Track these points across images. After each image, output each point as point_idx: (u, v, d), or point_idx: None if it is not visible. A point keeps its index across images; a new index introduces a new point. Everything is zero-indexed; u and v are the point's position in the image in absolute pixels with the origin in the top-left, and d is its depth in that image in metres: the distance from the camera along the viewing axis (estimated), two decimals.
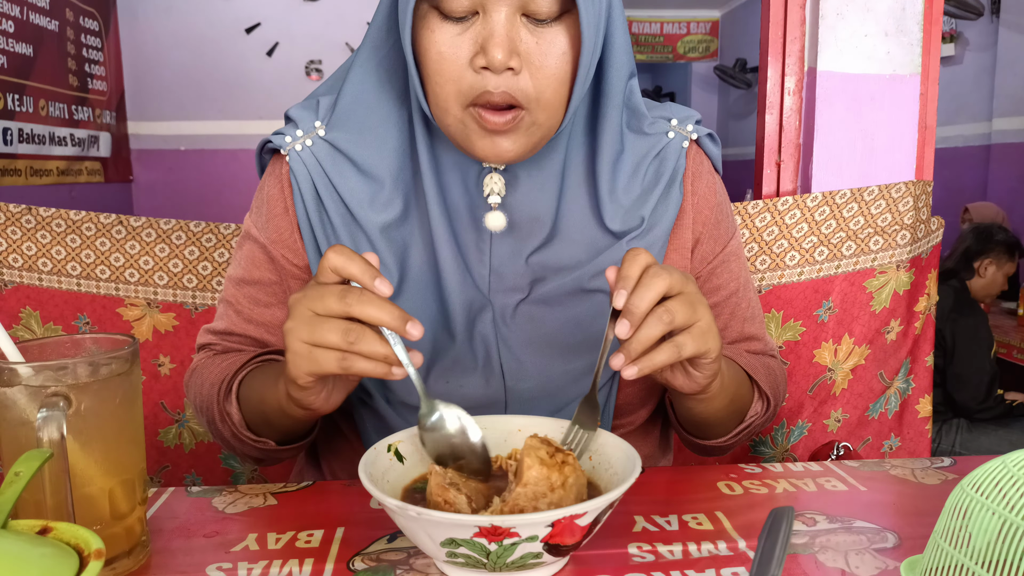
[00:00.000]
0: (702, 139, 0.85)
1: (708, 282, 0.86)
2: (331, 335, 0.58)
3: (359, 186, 0.78)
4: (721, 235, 0.86)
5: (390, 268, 0.77)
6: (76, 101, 3.22)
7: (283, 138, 0.81)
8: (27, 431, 0.52)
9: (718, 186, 0.87)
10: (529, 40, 0.67)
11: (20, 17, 2.81)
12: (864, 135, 1.37)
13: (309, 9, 3.64)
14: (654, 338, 0.59)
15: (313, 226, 0.79)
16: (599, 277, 0.78)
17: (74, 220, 1.25)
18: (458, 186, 0.78)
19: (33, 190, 2.88)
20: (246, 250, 0.85)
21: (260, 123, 3.68)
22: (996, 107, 4.44)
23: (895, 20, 1.34)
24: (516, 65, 0.66)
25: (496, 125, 0.68)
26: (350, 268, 0.59)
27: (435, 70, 0.68)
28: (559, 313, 0.78)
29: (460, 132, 0.71)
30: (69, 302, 1.27)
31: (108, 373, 0.54)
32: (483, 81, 0.67)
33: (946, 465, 0.78)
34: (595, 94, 0.79)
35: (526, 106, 0.68)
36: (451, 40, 0.67)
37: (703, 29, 7.47)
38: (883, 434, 1.40)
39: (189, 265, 1.27)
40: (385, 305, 0.58)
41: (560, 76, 0.68)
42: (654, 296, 0.59)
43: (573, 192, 0.79)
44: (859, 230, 1.31)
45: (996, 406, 2.53)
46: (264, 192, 0.84)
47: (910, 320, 1.37)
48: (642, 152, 0.81)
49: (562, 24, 0.68)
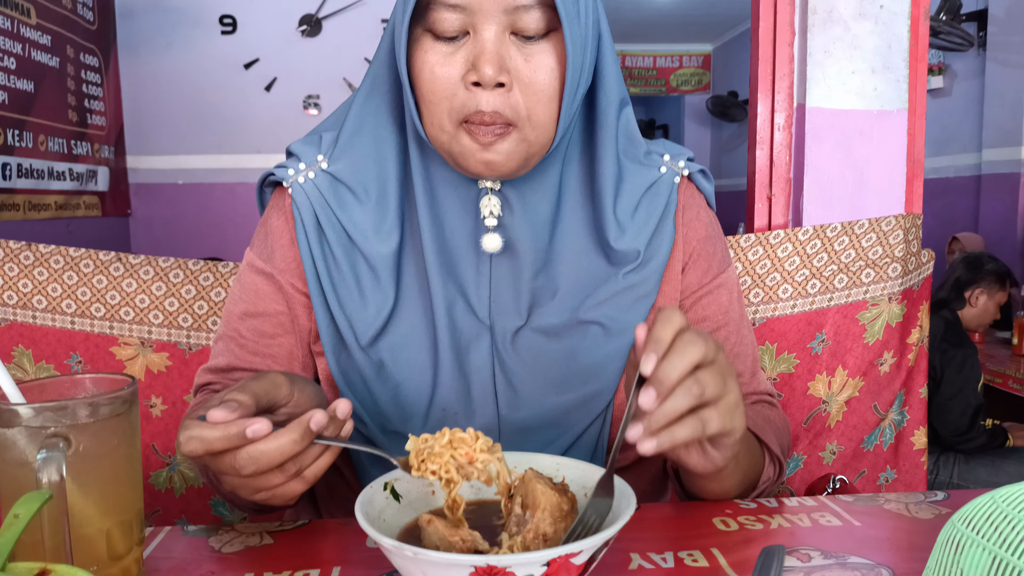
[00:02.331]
0: (695, 175, 0.86)
1: (692, 311, 0.86)
2: (269, 480, 0.59)
3: (360, 215, 0.79)
4: (711, 267, 0.86)
5: (388, 294, 0.78)
6: (75, 136, 3.25)
7: (285, 171, 0.83)
8: (26, 472, 0.52)
9: (709, 220, 0.88)
10: (518, 57, 0.70)
11: (22, 54, 2.85)
12: (854, 169, 1.40)
13: (307, 45, 3.69)
14: (680, 412, 0.56)
15: (314, 256, 0.79)
16: (595, 308, 0.78)
17: (73, 257, 1.25)
18: (456, 209, 0.79)
19: (31, 224, 2.89)
20: (248, 283, 0.85)
21: (258, 157, 3.71)
22: (985, 138, 4.50)
23: (881, 57, 1.37)
24: (506, 80, 0.69)
25: (487, 138, 0.70)
26: (214, 445, 0.57)
27: (428, 89, 0.71)
28: (555, 343, 0.79)
29: (454, 149, 0.72)
30: (62, 340, 1.27)
31: (108, 414, 0.55)
32: (475, 99, 0.69)
33: (940, 499, 0.78)
34: (589, 120, 0.80)
35: (516, 123, 0.70)
36: (443, 59, 0.70)
37: (695, 63, 7.59)
38: (879, 466, 1.41)
39: (185, 304, 1.27)
40: (275, 441, 0.57)
41: (549, 92, 0.71)
42: (687, 366, 0.56)
43: (570, 216, 0.80)
44: (851, 263, 1.33)
45: (978, 437, 2.53)
46: (268, 225, 0.85)
47: (903, 352, 1.39)
48: (640, 182, 0.82)
49: (550, 42, 0.71)
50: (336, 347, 0.80)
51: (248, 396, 0.60)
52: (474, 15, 0.68)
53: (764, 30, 1.39)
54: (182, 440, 0.58)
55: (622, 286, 0.80)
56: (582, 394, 0.78)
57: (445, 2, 0.68)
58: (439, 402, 0.78)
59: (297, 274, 0.82)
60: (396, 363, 0.78)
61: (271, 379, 0.64)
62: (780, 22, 1.38)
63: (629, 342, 0.79)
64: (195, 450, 0.57)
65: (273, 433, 0.57)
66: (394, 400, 0.78)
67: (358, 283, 0.79)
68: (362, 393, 0.79)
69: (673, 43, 7.47)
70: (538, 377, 0.78)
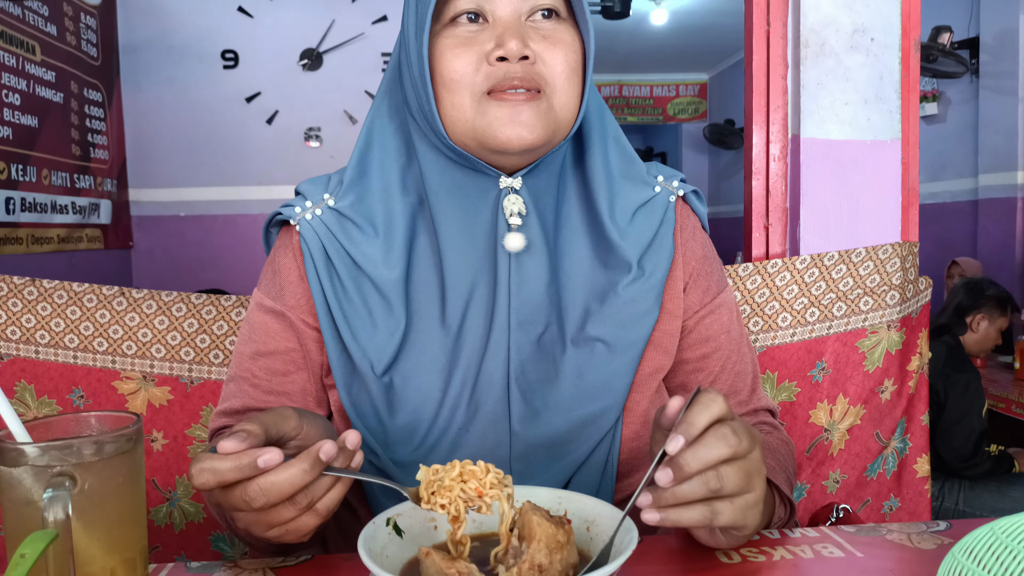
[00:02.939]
0: (688, 196, 0.89)
1: (694, 332, 0.87)
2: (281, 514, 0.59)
3: (367, 246, 0.80)
4: (710, 287, 0.88)
5: (399, 318, 0.78)
6: (78, 170, 3.28)
7: (292, 209, 0.84)
8: (32, 511, 0.53)
9: (705, 241, 0.90)
10: (537, 36, 0.74)
11: (26, 90, 2.88)
12: (849, 198, 1.41)
13: (308, 78, 3.74)
14: (692, 498, 0.56)
15: (324, 288, 0.80)
16: (600, 325, 0.79)
17: (76, 292, 1.26)
18: (472, 213, 0.79)
19: (34, 258, 2.91)
20: (258, 322, 0.85)
21: (259, 188, 3.74)
22: (981, 163, 4.54)
23: (874, 89, 1.39)
24: (531, 55, 0.72)
25: (514, 97, 0.72)
26: (225, 476, 0.57)
27: (451, 67, 0.73)
28: (564, 359, 0.79)
29: (479, 124, 0.73)
30: (64, 375, 1.27)
31: (113, 451, 0.55)
32: (501, 70, 0.72)
33: (942, 529, 0.78)
34: (577, 140, 0.83)
35: (543, 89, 0.73)
36: (465, 42, 0.73)
37: (692, 91, 7.67)
38: (882, 495, 1.40)
39: (187, 338, 1.28)
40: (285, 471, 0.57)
41: (571, 66, 0.74)
42: (712, 460, 0.56)
43: (570, 222, 0.81)
44: (848, 291, 1.33)
45: (983, 462, 2.52)
46: (276, 264, 0.86)
47: (903, 379, 1.39)
48: (635, 198, 0.84)
49: (565, 23, 0.76)
50: (348, 378, 0.80)
51: (258, 426, 0.60)
52: (492, 1, 0.73)
53: (757, 63, 1.41)
54: (194, 472, 0.57)
55: (623, 300, 0.80)
56: (590, 411, 0.79)
57: None
58: (452, 422, 0.78)
59: (307, 309, 0.83)
60: (409, 387, 0.78)
61: (280, 411, 0.64)
62: (773, 55, 1.41)
63: (632, 359, 0.81)
64: (207, 482, 0.57)
65: (283, 464, 0.57)
66: (406, 426, 0.78)
67: (369, 311, 0.79)
68: (373, 422, 0.79)
69: (670, 72, 7.56)
70: (550, 393, 0.79)
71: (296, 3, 3.69)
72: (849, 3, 1.38)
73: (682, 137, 7.91)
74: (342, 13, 3.69)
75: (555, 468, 0.79)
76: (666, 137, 8.64)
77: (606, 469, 0.81)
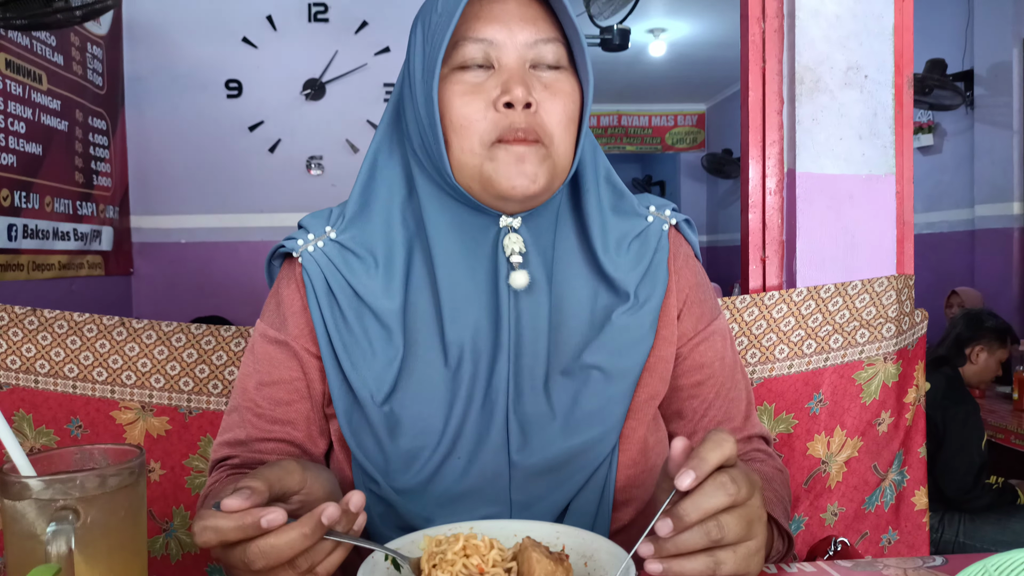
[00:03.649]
0: (681, 225, 0.91)
1: (689, 359, 0.88)
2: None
3: (367, 277, 0.81)
4: (704, 314, 0.89)
5: (398, 347, 0.80)
6: (81, 197, 3.31)
7: (295, 242, 0.85)
8: (34, 544, 0.53)
9: (697, 269, 0.92)
10: (538, 86, 0.77)
11: (32, 118, 2.91)
12: (845, 232, 1.43)
13: (311, 108, 3.78)
14: (692, 549, 0.56)
15: (325, 318, 0.81)
16: (596, 352, 0.81)
17: (77, 321, 1.27)
18: (472, 251, 0.81)
19: (34, 284, 2.92)
20: (262, 353, 0.86)
21: (261, 216, 3.76)
22: (977, 194, 4.57)
23: (868, 124, 1.42)
24: (533, 102, 0.75)
25: (521, 148, 0.75)
26: (228, 535, 0.57)
27: (460, 114, 0.76)
28: (562, 386, 0.81)
29: (486, 170, 0.76)
30: (63, 405, 1.27)
31: (116, 485, 0.56)
32: (507, 118, 0.75)
33: (938, 564, 0.78)
34: (572, 183, 0.85)
35: (545, 142, 0.76)
36: (472, 88, 0.76)
37: (690, 121, 7.75)
38: (881, 528, 1.40)
39: (187, 368, 1.29)
40: (285, 535, 0.56)
41: (569, 115, 0.78)
42: (712, 509, 0.56)
43: (566, 257, 0.84)
44: (845, 323, 1.34)
45: (984, 495, 2.50)
46: (279, 295, 0.87)
47: (900, 411, 1.39)
48: (627, 230, 0.86)
49: (565, 73, 0.79)
50: (348, 407, 0.81)
51: (262, 483, 0.59)
52: (500, 49, 0.76)
53: (753, 99, 1.43)
54: (197, 530, 0.57)
55: (618, 328, 0.82)
56: (587, 438, 0.80)
57: (474, 37, 0.76)
58: (451, 451, 0.79)
59: (310, 339, 0.84)
60: (408, 416, 0.79)
61: (283, 465, 0.64)
62: (768, 91, 1.43)
63: (628, 386, 0.82)
64: (209, 540, 0.57)
65: (283, 527, 0.57)
66: (406, 454, 0.79)
67: (369, 341, 0.80)
68: (373, 452, 0.80)
69: (668, 103, 7.65)
70: (548, 423, 0.80)
71: (300, 34, 3.74)
72: (843, 41, 1.40)
73: (680, 166, 7.97)
74: (345, 44, 3.74)
75: (553, 496, 0.80)
76: (664, 166, 8.70)
77: (603, 496, 0.81)
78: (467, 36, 0.76)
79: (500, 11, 0.76)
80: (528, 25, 0.76)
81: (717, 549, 0.57)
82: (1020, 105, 4.26)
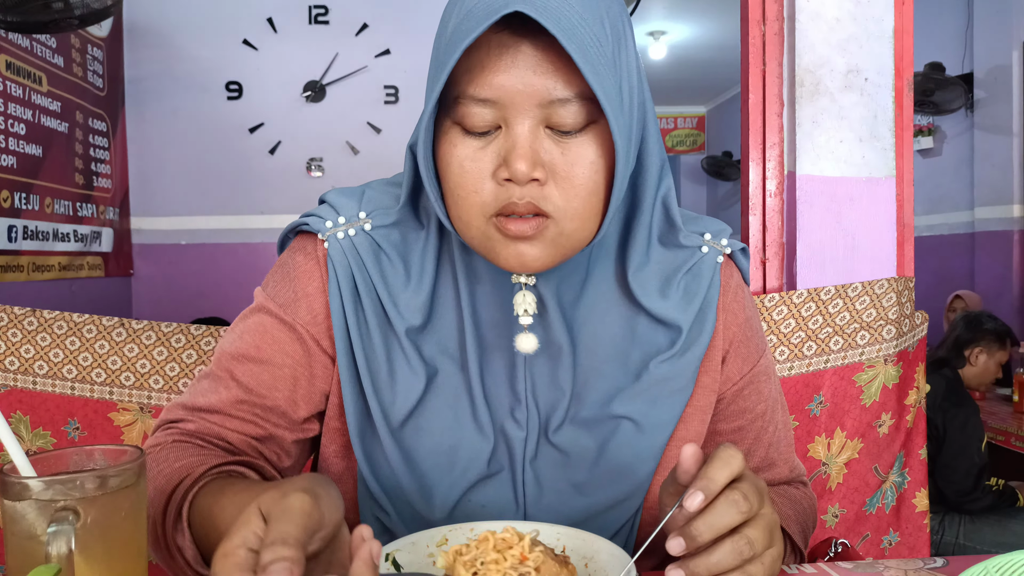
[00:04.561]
0: (735, 254, 0.82)
1: (733, 404, 0.82)
2: None
3: (399, 288, 0.74)
4: (751, 353, 0.82)
5: (419, 376, 0.74)
6: (81, 198, 3.31)
7: (322, 222, 0.76)
8: (34, 545, 0.53)
9: (747, 300, 0.83)
10: (554, 151, 0.64)
11: (32, 120, 2.92)
12: (845, 234, 1.43)
13: (311, 109, 3.78)
14: (725, 569, 0.55)
15: (348, 323, 0.74)
16: (628, 403, 0.75)
17: (76, 322, 1.27)
18: (491, 302, 0.74)
19: (34, 285, 2.92)
20: (256, 325, 0.76)
21: (261, 218, 3.76)
22: (977, 196, 4.57)
23: (868, 127, 1.42)
24: (541, 176, 0.64)
25: (518, 232, 0.65)
26: None
27: (457, 183, 0.66)
28: (585, 439, 0.75)
29: (483, 244, 0.68)
30: (61, 406, 1.27)
31: (116, 485, 0.56)
32: (507, 192, 0.64)
33: (939, 566, 0.78)
34: (629, 200, 0.75)
35: (552, 215, 0.65)
36: (473, 154, 0.65)
37: (690, 124, 7.75)
38: (882, 529, 1.40)
39: (186, 369, 1.29)
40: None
41: (590, 187, 0.65)
42: (724, 528, 0.55)
43: (603, 306, 0.76)
44: (845, 325, 1.34)
45: (984, 496, 2.50)
46: (294, 266, 0.77)
47: (901, 413, 1.39)
48: (671, 265, 0.77)
49: (589, 134, 0.65)
50: (362, 428, 0.75)
51: (297, 551, 0.47)
52: (506, 109, 0.63)
53: (754, 102, 1.44)
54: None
55: (655, 378, 0.75)
56: (611, 496, 0.74)
57: (475, 96, 0.63)
58: (464, 496, 0.74)
59: (324, 332, 0.76)
60: (422, 450, 0.74)
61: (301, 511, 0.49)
62: (769, 94, 1.43)
63: (662, 440, 0.76)
64: None
65: None
66: (419, 489, 0.74)
67: (389, 361, 0.74)
68: (387, 479, 0.75)
69: (668, 105, 7.65)
70: (566, 476, 0.74)
71: (300, 36, 3.74)
72: (843, 44, 1.40)
73: (681, 168, 7.98)
74: (345, 46, 3.74)
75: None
76: None
77: None
78: (468, 93, 0.63)
79: (510, 62, 0.62)
80: (544, 79, 0.62)
81: (748, 564, 0.56)
82: (1020, 108, 4.27)
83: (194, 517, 0.64)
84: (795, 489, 0.86)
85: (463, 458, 0.74)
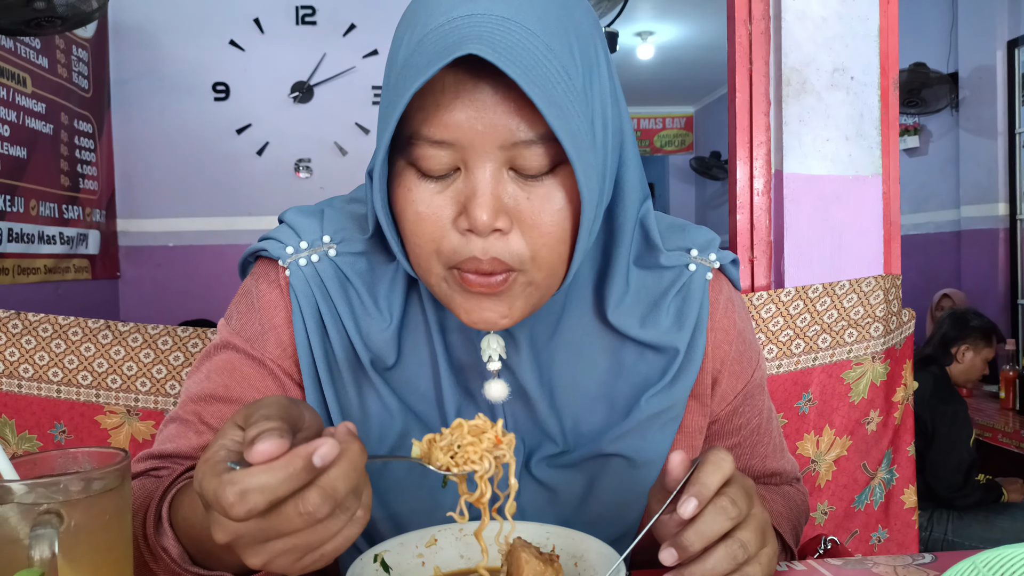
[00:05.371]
0: (724, 265, 0.77)
1: (728, 423, 0.80)
2: (330, 527, 0.47)
3: (369, 327, 0.69)
4: (744, 369, 0.79)
5: (394, 415, 0.71)
6: (67, 200, 3.28)
7: (282, 247, 0.72)
8: (16, 549, 0.52)
9: (738, 312, 0.79)
10: (519, 195, 0.58)
11: (16, 121, 2.89)
12: (832, 232, 1.44)
13: (299, 110, 3.77)
14: (722, 573, 0.54)
15: (316, 358, 0.70)
16: (618, 440, 0.72)
17: (62, 325, 1.26)
18: (463, 344, 0.70)
19: (20, 288, 2.89)
20: (222, 364, 0.73)
21: (249, 219, 3.74)
22: (963, 195, 4.61)
23: (854, 125, 1.42)
24: (504, 226, 0.58)
25: (482, 287, 0.59)
26: (279, 491, 0.45)
27: (413, 231, 0.60)
28: (573, 477, 0.72)
29: (444, 294, 0.62)
30: (47, 410, 1.26)
31: (100, 488, 0.55)
32: (468, 246, 0.58)
33: (927, 562, 0.78)
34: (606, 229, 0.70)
35: (519, 267, 0.59)
36: (430, 199, 0.59)
37: (678, 124, 7.78)
38: (870, 526, 1.41)
39: (173, 371, 1.27)
40: (346, 461, 0.46)
41: (558, 234, 0.59)
42: (715, 536, 0.54)
43: (583, 341, 0.71)
44: (833, 323, 1.35)
45: (973, 492, 2.53)
46: (258, 297, 0.73)
47: (889, 410, 1.40)
48: (656, 289, 0.73)
49: (557, 177, 0.59)
50: None
51: (281, 421, 0.47)
52: (464, 151, 0.57)
53: (740, 100, 1.44)
54: (232, 499, 0.44)
55: (645, 414, 0.71)
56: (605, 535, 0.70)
57: (430, 138, 0.57)
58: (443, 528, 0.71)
59: (294, 363, 0.72)
60: (396, 491, 0.71)
61: (279, 400, 0.51)
62: (756, 93, 1.44)
63: (655, 475, 0.72)
64: (257, 505, 0.44)
65: (338, 455, 0.46)
66: (395, 528, 0.71)
67: (361, 399, 0.71)
68: None
69: (656, 106, 7.67)
70: (553, 513, 0.72)
71: (287, 37, 3.73)
72: (829, 43, 1.41)
73: (669, 169, 8.00)
74: (333, 47, 3.73)
75: None
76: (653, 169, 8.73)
77: None
78: (422, 134, 0.57)
79: (467, 100, 0.56)
80: (506, 119, 0.56)
81: (745, 566, 0.55)
82: (1004, 107, 4.31)
83: (176, 516, 0.64)
84: (788, 485, 0.86)
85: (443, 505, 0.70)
